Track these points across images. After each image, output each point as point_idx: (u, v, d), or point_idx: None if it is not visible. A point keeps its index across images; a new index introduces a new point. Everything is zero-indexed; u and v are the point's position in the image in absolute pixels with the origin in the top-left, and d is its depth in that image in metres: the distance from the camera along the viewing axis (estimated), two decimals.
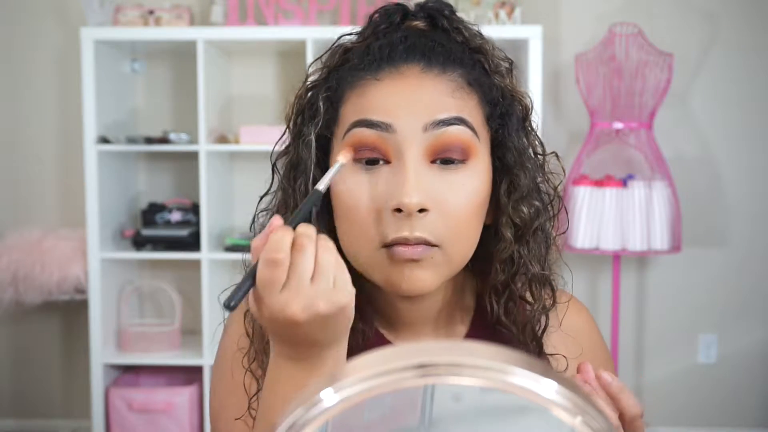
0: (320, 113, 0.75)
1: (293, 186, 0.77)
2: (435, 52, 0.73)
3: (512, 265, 0.77)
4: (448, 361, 0.35)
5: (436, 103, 0.71)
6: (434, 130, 0.70)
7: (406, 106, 0.70)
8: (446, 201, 0.70)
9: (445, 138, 0.70)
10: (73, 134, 3.17)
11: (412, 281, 0.71)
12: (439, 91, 0.71)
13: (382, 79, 0.72)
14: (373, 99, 0.71)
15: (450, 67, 0.73)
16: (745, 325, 3.30)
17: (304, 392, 0.37)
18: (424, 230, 0.70)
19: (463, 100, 0.72)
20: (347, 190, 0.72)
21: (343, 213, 0.73)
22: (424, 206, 0.69)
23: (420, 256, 0.70)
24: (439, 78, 0.72)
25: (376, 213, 0.71)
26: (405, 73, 0.72)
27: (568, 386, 0.35)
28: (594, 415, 0.35)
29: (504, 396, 0.35)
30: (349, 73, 0.74)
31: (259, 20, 3.08)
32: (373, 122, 0.70)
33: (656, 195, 2.87)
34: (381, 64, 0.73)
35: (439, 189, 0.70)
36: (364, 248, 0.72)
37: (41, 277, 2.93)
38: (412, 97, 0.71)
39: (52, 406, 3.37)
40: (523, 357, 0.36)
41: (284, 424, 0.36)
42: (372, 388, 0.35)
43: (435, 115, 0.70)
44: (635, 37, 2.98)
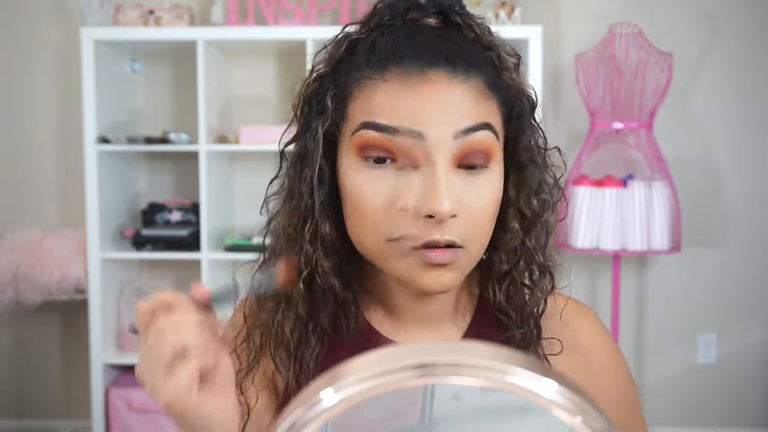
0: (329, 111, 0.76)
1: (300, 176, 0.78)
2: (457, 55, 0.73)
3: (515, 255, 0.79)
4: (448, 361, 0.35)
5: (463, 110, 0.72)
6: (464, 137, 0.71)
7: (435, 116, 0.71)
8: (471, 205, 0.73)
9: (473, 145, 0.72)
10: (73, 134, 3.17)
11: (440, 282, 0.74)
12: (466, 97, 0.72)
13: (389, 80, 0.72)
14: (379, 102, 0.72)
15: (473, 71, 0.73)
16: (745, 325, 3.30)
17: (305, 392, 0.37)
18: (452, 234, 0.72)
19: (486, 105, 0.73)
20: (355, 187, 0.74)
21: (351, 207, 0.75)
22: (455, 212, 0.71)
23: (450, 260, 0.73)
24: (462, 84, 0.72)
25: (385, 210, 0.73)
26: (430, 80, 0.72)
27: (568, 386, 0.35)
28: (594, 415, 0.35)
29: (504, 396, 0.35)
30: (355, 69, 0.75)
31: (259, 20, 3.08)
32: (380, 126, 0.71)
33: (656, 195, 2.87)
34: (387, 63, 0.73)
35: (465, 194, 0.72)
36: (371, 240, 0.74)
37: (41, 277, 2.93)
38: (441, 106, 0.71)
39: (52, 406, 3.37)
40: (523, 357, 0.36)
41: (284, 424, 0.36)
42: (372, 388, 0.35)
43: (464, 123, 0.71)
44: (635, 37, 2.98)
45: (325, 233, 0.77)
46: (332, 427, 0.37)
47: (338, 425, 0.37)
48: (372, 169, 0.73)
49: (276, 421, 0.37)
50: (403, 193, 0.72)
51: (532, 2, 3.17)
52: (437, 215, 0.70)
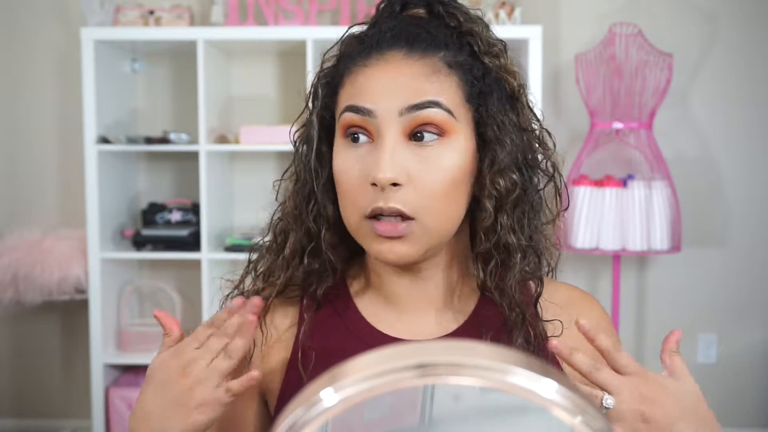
0: (320, 97, 0.83)
1: (303, 160, 0.84)
2: (419, 37, 0.78)
3: (494, 235, 0.80)
4: (448, 361, 0.35)
5: (412, 87, 0.76)
6: (409, 114, 0.75)
7: (385, 92, 0.76)
8: (420, 176, 0.75)
9: (420, 119, 0.75)
10: (73, 134, 3.17)
11: (394, 253, 0.77)
12: (416, 75, 0.76)
13: (370, 65, 0.78)
14: (360, 85, 0.78)
15: (432, 51, 0.77)
16: (745, 325, 3.30)
17: (305, 392, 0.37)
18: (397, 201, 0.75)
19: (440, 83, 0.76)
20: (338, 165, 0.79)
21: (338, 186, 0.80)
22: (396, 180, 0.74)
23: (400, 233, 0.76)
24: (420, 62, 0.76)
25: (359, 186, 0.77)
26: (389, 59, 0.77)
27: (568, 386, 0.35)
28: (594, 415, 0.35)
29: (504, 396, 0.35)
30: (348, 60, 0.80)
31: (259, 20, 3.08)
32: (357, 107, 0.77)
33: (656, 195, 2.87)
34: (370, 51, 0.78)
35: (413, 165, 0.75)
36: (352, 218, 0.79)
37: (41, 277, 2.93)
38: (391, 82, 0.76)
39: (52, 406, 3.37)
40: (523, 357, 0.36)
41: (284, 424, 0.36)
42: (372, 388, 0.35)
43: (410, 100, 0.75)
44: (635, 37, 2.98)
45: (327, 213, 0.83)
46: (332, 427, 0.37)
47: (338, 425, 0.37)
48: (350, 148, 0.78)
49: (276, 421, 0.37)
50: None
51: (532, 2, 3.17)
52: (378, 182, 0.74)
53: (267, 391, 0.86)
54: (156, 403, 0.73)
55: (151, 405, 0.74)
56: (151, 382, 0.75)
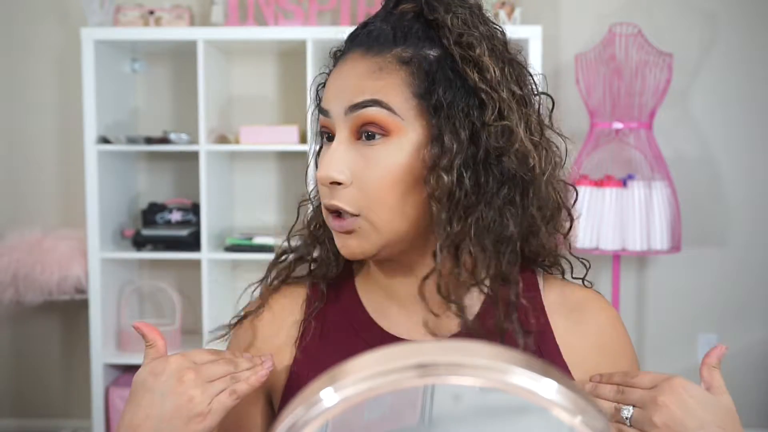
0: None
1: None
2: (381, 35, 0.77)
3: (445, 232, 0.75)
4: (448, 361, 0.35)
5: (354, 86, 0.76)
6: (352, 113, 0.76)
7: (336, 92, 0.78)
8: (363, 175, 0.76)
9: (361, 119, 0.76)
10: (73, 134, 3.17)
11: (346, 247, 0.79)
12: (360, 74, 0.76)
13: (337, 67, 0.80)
14: (327, 86, 0.81)
15: (387, 48, 0.76)
16: (745, 325, 3.30)
17: (305, 392, 0.37)
18: (340, 200, 0.77)
19: (384, 80, 0.75)
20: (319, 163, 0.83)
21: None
22: (335, 180, 0.76)
23: (346, 228, 0.78)
24: (369, 60, 0.76)
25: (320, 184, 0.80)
26: (347, 60, 0.79)
27: (568, 386, 0.35)
28: (594, 415, 0.35)
29: (504, 396, 0.35)
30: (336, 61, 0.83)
31: (259, 20, 3.08)
32: (321, 108, 0.80)
33: (656, 195, 2.87)
34: (344, 53, 0.80)
35: (358, 164, 0.76)
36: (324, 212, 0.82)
37: (41, 277, 2.93)
38: (341, 83, 0.78)
39: (52, 406, 3.37)
40: (523, 357, 0.36)
41: (284, 424, 0.36)
42: (372, 388, 0.35)
43: (352, 100, 0.76)
44: (635, 37, 2.98)
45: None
46: (332, 427, 0.37)
47: (338, 425, 0.37)
48: (325, 146, 0.81)
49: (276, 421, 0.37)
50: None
51: (532, 2, 3.17)
52: (320, 182, 0.77)
53: (272, 390, 0.86)
54: (147, 415, 0.71)
55: (141, 418, 0.71)
56: (138, 393, 0.73)
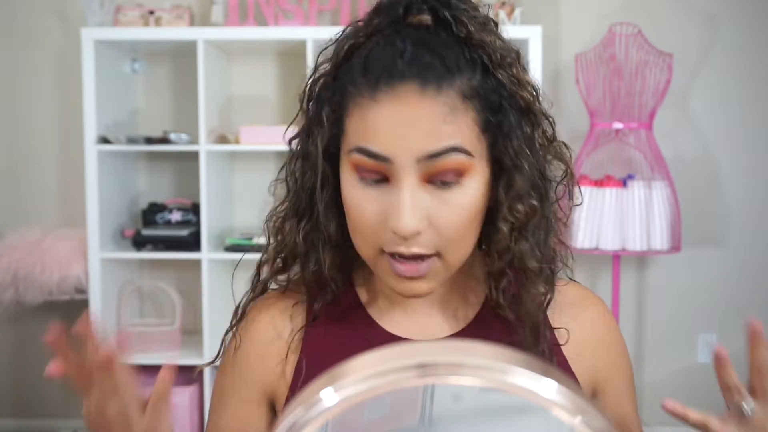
0: (325, 127, 0.76)
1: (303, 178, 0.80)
2: (431, 66, 0.71)
3: (508, 254, 0.78)
4: (448, 361, 0.35)
5: (429, 132, 0.70)
6: (427, 162, 0.71)
7: (400, 136, 0.70)
8: (441, 218, 0.72)
9: (439, 167, 0.71)
10: (73, 134, 3.17)
11: (414, 291, 0.76)
12: (429, 117, 0.70)
13: (380, 101, 0.71)
14: (370, 124, 0.71)
15: (447, 82, 0.71)
16: (745, 325, 3.30)
17: (305, 392, 0.37)
18: (419, 246, 0.73)
19: (457, 123, 0.71)
20: (353, 203, 0.74)
21: (350, 219, 0.76)
22: (418, 230, 0.72)
23: (423, 273, 0.74)
24: (434, 100, 0.70)
25: (376, 226, 0.74)
26: (401, 96, 0.70)
27: (568, 386, 0.35)
28: (594, 415, 0.35)
29: (504, 396, 0.35)
30: (351, 82, 0.74)
31: (259, 20, 3.08)
32: (371, 152, 0.71)
33: (656, 195, 2.87)
34: (378, 82, 0.71)
35: (434, 208, 0.72)
36: (367, 250, 0.76)
37: (41, 277, 2.93)
38: (406, 126, 0.70)
39: (52, 406, 3.37)
40: (523, 357, 0.36)
41: (284, 424, 0.36)
42: (372, 388, 0.35)
43: (428, 147, 0.70)
44: (635, 37, 2.98)
45: (330, 234, 0.80)
46: (332, 426, 0.37)
47: (338, 425, 0.37)
48: (367, 188, 0.73)
49: (276, 421, 0.37)
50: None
51: (532, 2, 3.17)
52: (399, 233, 0.71)
53: (274, 396, 0.85)
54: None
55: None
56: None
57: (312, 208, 0.80)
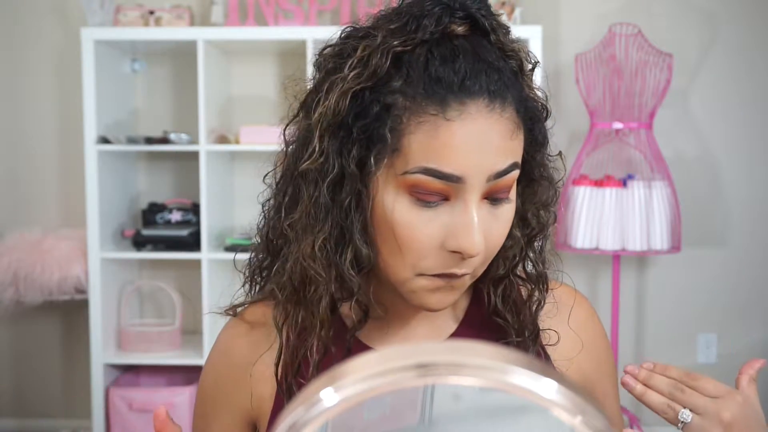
0: (387, 144, 0.69)
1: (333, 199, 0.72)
2: (492, 79, 0.69)
3: (513, 260, 0.79)
4: (448, 361, 0.35)
5: (500, 150, 0.69)
6: (495, 180, 0.69)
7: (475, 157, 0.68)
8: (492, 235, 0.72)
9: (501, 185, 0.70)
10: (73, 134, 3.17)
11: (442, 302, 0.74)
12: (503, 135, 0.69)
13: (452, 119, 0.67)
14: (445, 145, 0.67)
15: (507, 98, 0.69)
16: (745, 325, 3.30)
17: (305, 392, 0.37)
18: (470, 266, 0.72)
19: (518, 140, 0.71)
20: (405, 225, 0.70)
21: (391, 239, 0.71)
22: (483, 249, 0.70)
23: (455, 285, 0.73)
24: (502, 117, 0.69)
25: (431, 248, 0.70)
26: (473, 113, 0.67)
27: (568, 386, 0.35)
28: (594, 415, 0.35)
29: (504, 396, 0.35)
30: (409, 99, 0.68)
31: (259, 20, 3.08)
32: (443, 174, 0.67)
33: (656, 195, 2.88)
34: (447, 99, 0.67)
35: (489, 226, 0.71)
36: (404, 274, 0.72)
37: (41, 277, 2.93)
38: (480, 146, 0.68)
39: (52, 406, 3.37)
40: (523, 357, 0.36)
41: (284, 424, 0.36)
42: (372, 388, 0.35)
43: (498, 166, 0.69)
44: (635, 37, 2.98)
45: (365, 257, 0.73)
46: (332, 427, 0.37)
47: (338, 425, 0.37)
48: (422, 209, 0.69)
49: (276, 421, 0.37)
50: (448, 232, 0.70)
51: (532, 2, 3.17)
52: (467, 254, 0.69)
53: (258, 418, 0.83)
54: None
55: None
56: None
57: (352, 235, 0.72)
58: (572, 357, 0.83)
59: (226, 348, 0.85)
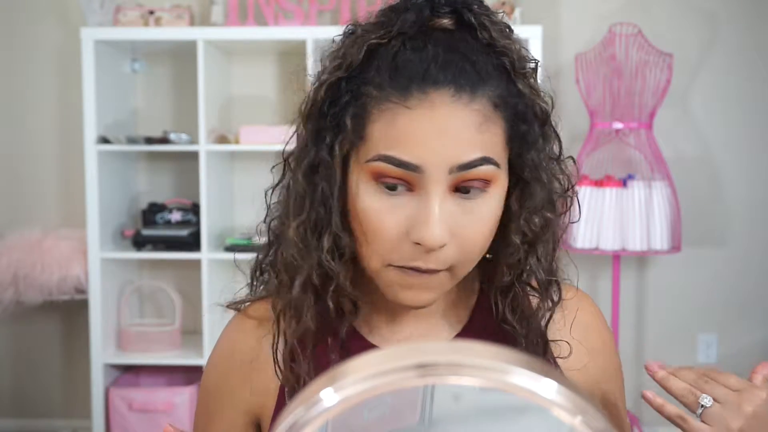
0: (348, 131, 0.71)
1: (314, 188, 0.74)
2: (464, 71, 0.68)
3: (518, 268, 0.77)
4: (448, 361, 0.35)
5: (463, 142, 0.68)
6: (459, 172, 0.68)
7: (435, 146, 0.67)
8: (464, 230, 0.70)
9: (468, 177, 0.69)
10: (73, 134, 3.17)
11: (417, 301, 0.73)
12: (463, 126, 0.68)
13: (413, 107, 0.67)
14: (401, 132, 0.68)
15: (479, 90, 0.68)
16: (745, 325, 3.30)
17: (305, 392, 0.37)
18: (437, 262, 0.70)
19: (489, 133, 0.69)
20: (371, 213, 0.70)
21: (361, 228, 0.72)
22: (445, 242, 0.69)
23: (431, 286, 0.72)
24: (468, 108, 0.68)
25: (394, 238, 0.70)
26: (434, 102, 0.67)
27: (568, 386, 0.35)
28: (594, 415, 0.35)
29: (504, 396, 0.35)
30: (376, 85, 0.69)
31: (259, 20, 3.08)
32: (400, 161, 0.68)
33: (656, 195, 2.88)
34: (410, 87, 0.68)
35: (458, 219, 0.70)
36: (374, 263, 0.73)
37: (41, 277, 2.93)
38: (440, 135, 0.67)
39: (52, 406, 3.37)
40: (524, 357, 0.36)
41: (284, 424, 0.36)
42: (372, 388, 0.35)
43: (461, 158, 0.68)
44: (635, 37, 2.98)
45: (345, 245, 0.74)
46: (332, 427, 0.37)
47: (338, 425, 0.37)
48: (384, 195, 0.70)
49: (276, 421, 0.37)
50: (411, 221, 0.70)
51: (532, 2, 3.17)
52: (426, 245, 0.68)
53: (260, 416, 0.83)
54: None
55: None
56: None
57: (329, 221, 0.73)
58: (579, 368, 0.82)
59: (230, 344, 0.85)
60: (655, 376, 0.83)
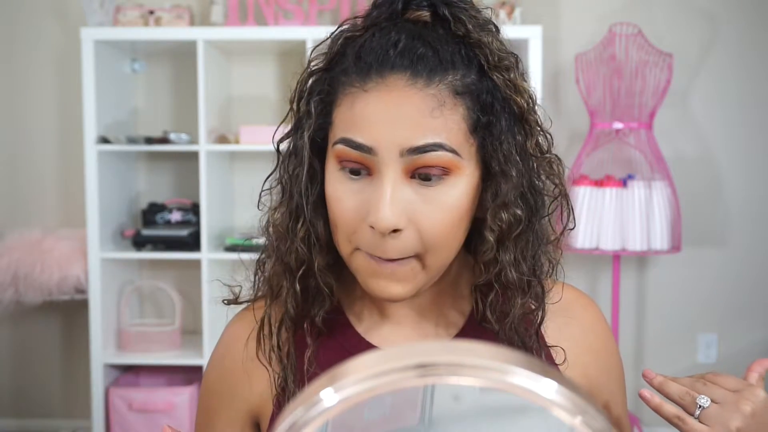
0: (313, 117, 0.74)
1: (291, 174, 0.77)
2: (424, 57, 0.69)
3: (495, 267, 0.75)
4: (448, 361, 0.35)
5: (415, 125, 0.68)
6: (410, 156, 0.69)
7: (387, 128, 0.68)
8: (423, 217, 0.70)
9: (422, 162, 0.69)
10: (73, 134, 3.17)
11: (388, 293, 0.73)
12: (420, 109, 0.68)
13: (369, 90, 0.69)
14: (358, 115, 0.70)
15: (438, 76, 0.69)
16: (745, 324, 3.30)
17: (305, 392, 0.37)
18: (395, 251, 0.70)
19: (444, 118, 0.69)
20: (334, 196, 0.72)
21: (330, 214, 0.74)
22: (397, 227, 0.69)
23: (400, 278, 0.72)
24: (423, 92, 0.68)
25: (355, 222, 0.71)
26: (390, 85, 0.69)
27: (568, 386, 0.35)
28: (594, 415, 0.35)
29: (504, 396, 0.35)
30: (343, 72, 0.72)
31: (259, 20, 3.08)
32: (355, 143, 0.69)
33: (656, 195, 2.88)
34: (370, 71, 0.70)
35: (415, 206, 0.70)
36: (344, 248, 0.74)
37: (41, 277, 2.93)
38: (393, 117, 0.68)
39: (52, 406, 3.37)
40: (523, 357, 0.36)
41: (284, 424, 0.36)
42: (372, 388, 0.35)
43: (412, 141, 0.68)
44: (635, 37, 2.98)
45: (318, 233, 0.76)
46: (332, 427, 0.37)
47: (338, 425, 0.37)
48: (349, 181, 0.71)
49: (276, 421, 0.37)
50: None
51: (532, 2, 3.17)
52: (377, 228, 0.69)
53: (259, 416, 0.83)
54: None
55: None
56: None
57: (302, 208, 0.76)
58: (576, 364, 0.81)
59: (232, 342, 0.85)
60: (653, 382, 0.83)
